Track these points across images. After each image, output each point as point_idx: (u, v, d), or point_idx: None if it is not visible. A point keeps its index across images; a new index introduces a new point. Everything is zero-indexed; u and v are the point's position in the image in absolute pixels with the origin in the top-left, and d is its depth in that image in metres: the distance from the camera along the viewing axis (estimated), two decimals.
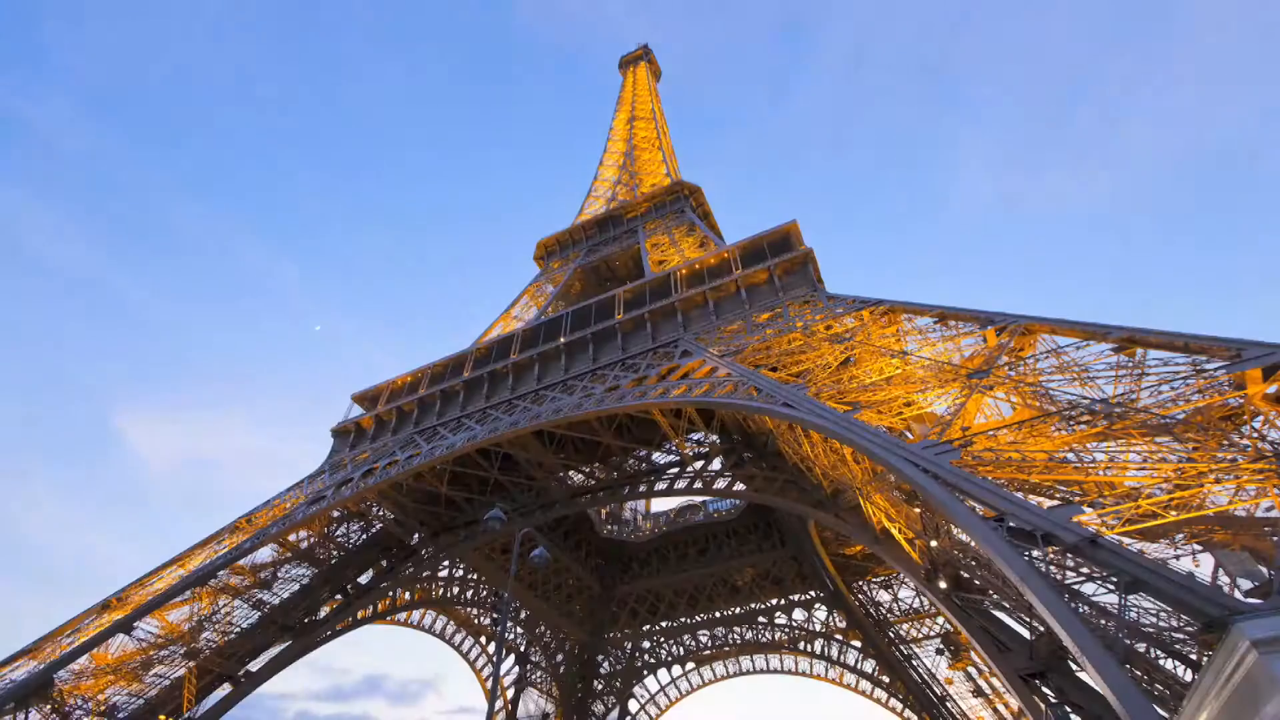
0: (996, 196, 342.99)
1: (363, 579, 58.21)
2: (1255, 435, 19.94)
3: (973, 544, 30.04)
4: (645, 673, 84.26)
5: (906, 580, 68.36)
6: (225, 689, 47.65)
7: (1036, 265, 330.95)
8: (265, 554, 50.96)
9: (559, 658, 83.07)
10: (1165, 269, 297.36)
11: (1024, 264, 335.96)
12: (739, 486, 51.42)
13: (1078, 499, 19.96)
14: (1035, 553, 17.71)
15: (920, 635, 69.57)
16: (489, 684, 77.85)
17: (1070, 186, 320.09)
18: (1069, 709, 27.88)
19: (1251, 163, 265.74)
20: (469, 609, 74.59)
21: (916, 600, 70.72)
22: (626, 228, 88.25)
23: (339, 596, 55.70)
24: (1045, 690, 28.62)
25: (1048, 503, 21.01)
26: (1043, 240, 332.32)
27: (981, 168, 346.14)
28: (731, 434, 53.97)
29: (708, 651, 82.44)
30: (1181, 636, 20.45)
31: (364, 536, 58.91)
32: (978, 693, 63.61)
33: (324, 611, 54.18)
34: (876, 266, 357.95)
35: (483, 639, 78.32)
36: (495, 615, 75.41)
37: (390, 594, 59.57)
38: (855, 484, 36.77)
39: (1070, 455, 21.74)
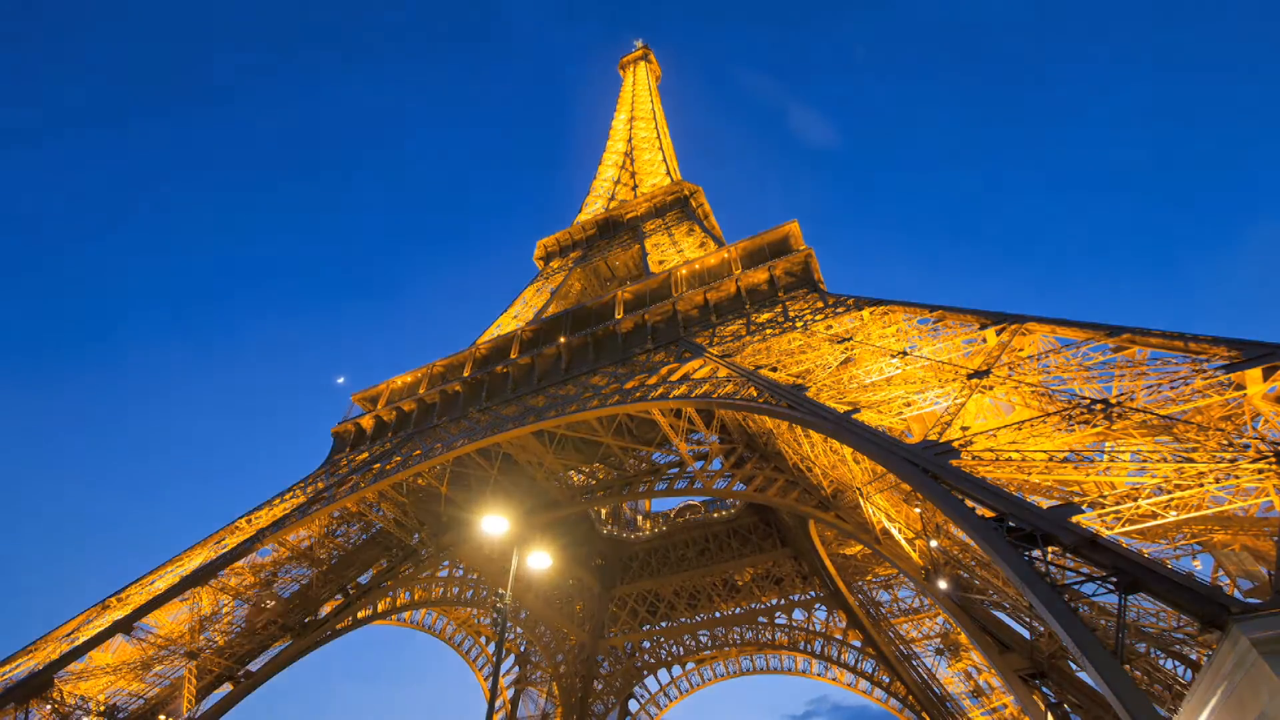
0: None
1: (363, 579, 58.18)
2: (1255, 435, 19.93)
3: (973, 544, 30.05)
4: (645, 673, 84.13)
5: (906, 580, 68.34)
6: (225, 689, 47.61)
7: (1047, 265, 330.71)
8: (265, 554, 50.95)
9: (559, 658, 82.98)
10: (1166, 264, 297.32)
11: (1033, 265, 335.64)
12: (739, 487, 51.37)
13: (1078, 499, 19.94)
14: (1035, 553, 17.70)
15: (920, 635, 69.49)
16: (489, 684, 77.83)
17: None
18: (1069, 709, 27.90)
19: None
20: (469, 609, 74.54)
21: (916, 600, 70.64)
22: (626, 228, 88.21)
23: (339, 596, 55.64)
24: (1045, 690, 28.65)
25: (1048, 503, 21.02)
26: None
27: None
28: (732, 434, 53.93)
29: (708, 651, 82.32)
30: (1181, 636, 20.46)
31: (364, 536, 58.85)
32: (978, 693, 63.59)
33: (324, 611, 54.13)
34: (879, 265, 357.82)
35: (483, 639, 78.30)
36: (495, 615, 75.24)
37: (390, 594, 59.52)
38: (855, 484, 36.76)
39: (1070, 455, 21.72)
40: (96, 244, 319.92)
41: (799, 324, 43.11)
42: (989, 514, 19.57)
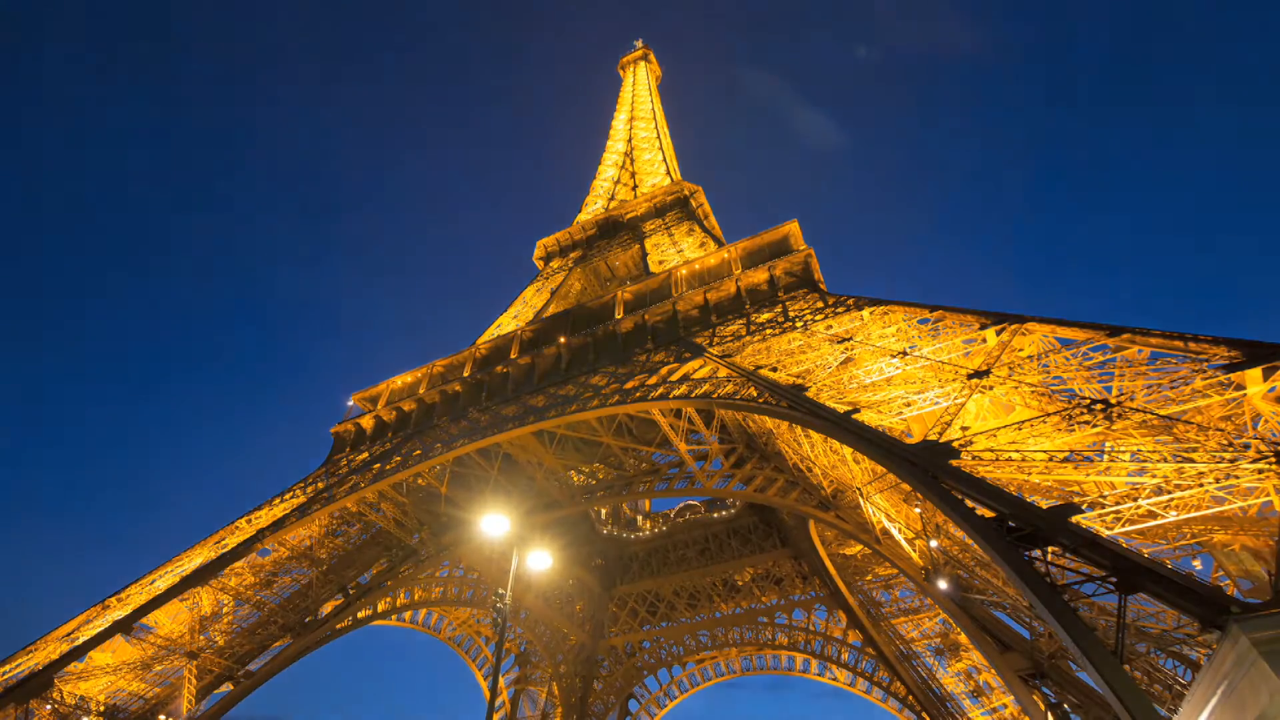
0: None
1: (363, 579, 58.15)
2: (1255, 435, 19.94)
3: (973, 544, 30.06)
4: (645, 673, 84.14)
5: (906, 580, 68.30)
6: (225, 689, 47.58)
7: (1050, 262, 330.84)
8: (265, 554, 50.93)
9: (559, 658, 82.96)
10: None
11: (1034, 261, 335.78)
12: (739, 487, 51.39)
13: (1078, 499, 19.95)
14: (1035, 553, 17.70)
15: (920, 635, 69.44)
16: (489, 684, 77.81)
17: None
18: (1069, 709, 27.92)
19: None
20: (469, 609, 74.52)
21: (916, 600, 70.58)
22: (627, 228, 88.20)
23: (339, 596, 55.59)
24: (1045, 690, 28.66)
25: (1048, 503, 21.02)
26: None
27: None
28: (732, 434, 53.95)
29: (708, 651, 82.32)
30: (1181, 636, 20.47)
31: (364, 536, 58.85)
32: (978, 693, 63.58)
33: (324, 611, 54.09)
34: (879, 265, 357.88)
35: (483, 639, 78.30)
36: (495, 616, 75.11)
37: (390, 594, 59.49)
38: (855, 484, 36.79)
39: (1070, 455, 21.74)
40: (95, 239, 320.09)
41: (799, 324, 43.11)
42: (989, 514, 19.58)
